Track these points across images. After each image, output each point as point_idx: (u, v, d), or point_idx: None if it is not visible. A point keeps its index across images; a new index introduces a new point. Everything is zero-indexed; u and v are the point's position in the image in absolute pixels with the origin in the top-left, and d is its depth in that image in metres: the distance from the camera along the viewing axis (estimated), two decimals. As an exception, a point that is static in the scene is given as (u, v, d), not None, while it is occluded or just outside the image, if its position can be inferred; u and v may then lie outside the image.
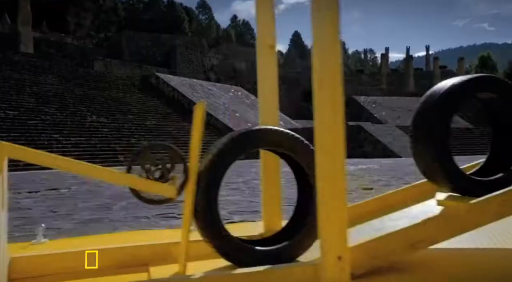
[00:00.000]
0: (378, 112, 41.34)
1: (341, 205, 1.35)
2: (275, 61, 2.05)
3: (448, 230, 1.56)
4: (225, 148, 1.62)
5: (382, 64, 63.43)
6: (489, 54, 76.40)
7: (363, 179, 6.59)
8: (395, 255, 1.52)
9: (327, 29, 1.37)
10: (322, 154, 1.36)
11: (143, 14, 67.10)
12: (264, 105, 2.02)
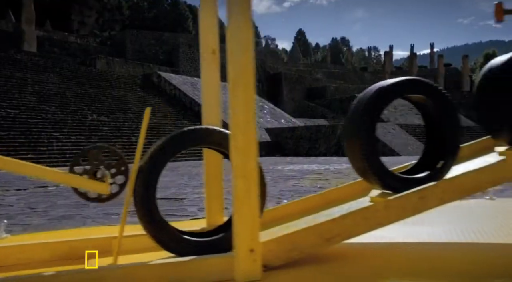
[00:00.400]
0: (379, 110, 41.17)
1: (253, 202, 1.45)
2: (217, 66, 2.15)
3: (365, 224, 1.66)
4: (164, 145, 1.76)
5: (386, 62, 63.17)
6: (495, 52, 75.82)
7: (348, 177, 6.67)
8: (312, 248, 1.62)
9: (241, 38, 1.47)
10: (236, 154, 1.46)
11: (148, 13, 67.28)
12: (207, 106, 2.13)
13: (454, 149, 1.91)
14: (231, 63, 1.48)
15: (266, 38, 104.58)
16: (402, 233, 2.13)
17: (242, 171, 1.44)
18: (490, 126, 2.12)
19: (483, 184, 1.82)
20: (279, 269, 1.53)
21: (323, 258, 1.66)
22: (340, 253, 1.74)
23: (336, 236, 1.63)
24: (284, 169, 10.07)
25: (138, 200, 1.64)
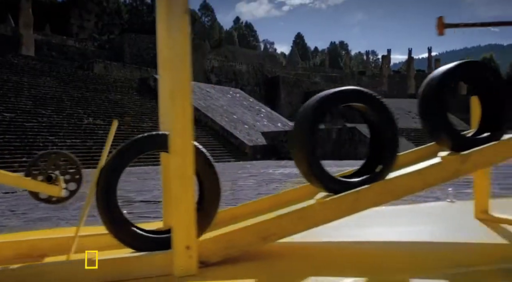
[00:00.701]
0: (377, 114, 41.37)
1: (189, 201, 1.58)
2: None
3: (301, 224, 1.79)
4: (125, 149, 1.90)
5: (383, 66, 63.43)
6: (492, 56, 76.19)
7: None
8: (249, 246, 1.75)
9: (179, 54, 1.61)
10: (174, 156, 1.59)
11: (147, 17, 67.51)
12: (165, 113, 2.25)
13: (392, 155, 2.04)
14: (170, 77, 1.61)
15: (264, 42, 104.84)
16: (350, 235, 2.25)
17: (179, 172, 1.57)
18: (432, 132, 2.25)
19: (415, 187, 1.95)
20: (216, 265, 1.66)
21: (260, 255, 1.78)
22: (278, 251, 1.86)
23: (272, 235, 1.75)
24: (274, 172, 10.20)
25: (100, 201, 1.78)
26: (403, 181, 1.92)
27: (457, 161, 1.98)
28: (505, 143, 2.07)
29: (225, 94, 34.29)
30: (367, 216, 2.85)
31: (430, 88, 2.21)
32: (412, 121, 40.49)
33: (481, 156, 2.00)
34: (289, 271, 1.60)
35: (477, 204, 2.59)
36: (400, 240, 2.20)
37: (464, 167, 1.97)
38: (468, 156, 1.99)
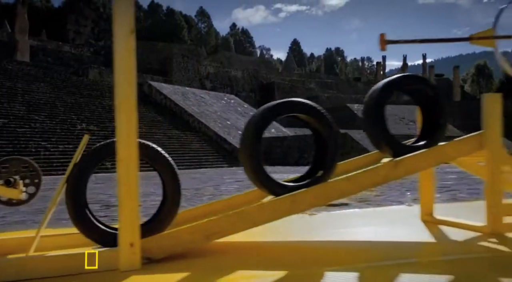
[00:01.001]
0: (371, 120, 41.64)
1: (133, 203, 1.75)
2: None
3: (241, 224, 1.96)
4: (87, 156, 2.07)
5: (377, 72, 63.88)
6: (485, 63, 76.96)
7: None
8: (193, 244, 1.92)
9: (125, 71, 1.79)
10: (120, 166, 1.76)
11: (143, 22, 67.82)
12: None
13: (332, 161, 2.23)
14: (117, 92, 1.79)
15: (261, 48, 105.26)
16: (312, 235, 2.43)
17: (124, 179, 1.74)
18: (374, 142, 2.43)
19: (348, 191, 2.13)
20: (161, 261, 1.82)
21: (202, 252, 1.95)
22: (223, 249, 2.03)
23: (215, 233, 1.93)
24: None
25: (68, 203, 1.96)
26: (337, 185, 2.09)
27: (388, 166, 2.16)
28: (434, 149, 2.25)
29: (219, 100, 34.49)
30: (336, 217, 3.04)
31: (371, 101, 2.40)
32: (405, 128, 40.77)
33: (411, 161, 2.19)
34: (223, 266, 1.77)
35: (423, 207, 2.78)
36: (351, 239, 2.38)
37: (395, 172, 2.16)
38: (399, 162, 2.17)
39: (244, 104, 36.92)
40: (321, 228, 2.71)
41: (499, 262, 1.74)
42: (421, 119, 2.55)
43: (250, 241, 2.17)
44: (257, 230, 2.24)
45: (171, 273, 1.66)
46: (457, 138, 2.35)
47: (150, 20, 68.79)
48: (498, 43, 2.72)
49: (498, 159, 2.25)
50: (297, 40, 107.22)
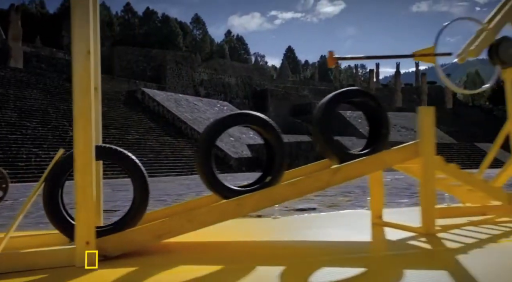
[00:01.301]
0: (363, 127, 41.92)
1: (89, 208, 1.95)
2: (98, 100, 2.64)
3: (190, 225, 2.16)
4: (57, 165, 2.28)
5: (370, 79, 64.44)
6: (477, 71, 77.87)
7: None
8: (146, 243, 2.12)
9: (82, 85, 1.99)
10: (77, 173, 1.96)
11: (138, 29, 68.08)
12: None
13: (280, 168, 2.44)
14: (75, 105, 1.99)
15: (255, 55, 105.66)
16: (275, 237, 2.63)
17: (81, 185, 1.94)
18: (322, 151, 2.65)
19: (291, 195, 2.34)
20: (116, 259, 2.02)
21: (157, 250, 2.15)
22: (173, 247, 2.23)
23: (166, 233, 2.12)
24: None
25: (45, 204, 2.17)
26: (280, 189, 2.30)
27: (329, 173, 2.37)
28: (372, 157, 2.47)
29: (212, 107, 34.71)
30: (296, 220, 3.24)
31: (319, 112, 2.62)
32: (397, 135, 41.13)
33: (350, 168, 2.40)
34: (169, 262, 1.96)
35: (373, 211, 2.99)
36: (299, 239, 2.58)
37: (335, 178, 2.37)
38: (338, 169, 2.38)
39: (236, 110, 37.21)
40: (276, 230, 2.91)
41: (413, 258, 1.95)
42: (368, 129, 2.77)
43: (201, 241, 2.37)
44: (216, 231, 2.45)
45: (121, 268, 1.85)
46: (396, 147, 2.56)
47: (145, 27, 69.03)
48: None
49: (432, 166, 2.47)
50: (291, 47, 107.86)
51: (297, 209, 4.41)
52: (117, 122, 24.98)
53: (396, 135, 40.91)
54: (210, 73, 51.21)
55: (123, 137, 23.34)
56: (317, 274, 1.67)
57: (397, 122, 45.24)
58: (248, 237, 2.71)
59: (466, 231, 2.51)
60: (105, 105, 26.86)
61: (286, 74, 79.98)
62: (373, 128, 2.71)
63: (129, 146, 22.31)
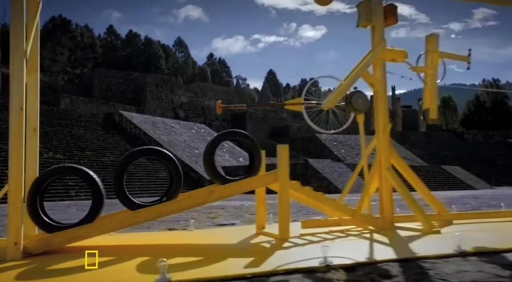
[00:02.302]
0: (338, 150, 43.17)
1: (18, 215, 2.74)
2: (36, 139, 3.44)
3: (95, 232, 2.97)
4: (38, 178, 3.06)
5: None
6: (450, 96, 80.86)
7: (249, 211, 7.93)
8: (61, 244, 2.91)
9: (13, 105, 2.80)
10: (10, 188, 2.75)
11: (121, 51, 68.92)
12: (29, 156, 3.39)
13: (176, 190, 3.26)
14: (10, 147, 2.80)
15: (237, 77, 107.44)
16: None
17: (11, 201, 2.73)
18: (210, 176, 3.49)
19: (175, 210, 3.16)
20: (38, 255, 2.79)
21: (73, 249, 2.93)
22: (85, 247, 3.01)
23: (75, 238, 2.92)
24: (211, 205, 11.30)
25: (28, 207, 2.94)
26: (167, 205, 3.13)
27: (205, 193, 3.22)
28: (241, 182, 3.33)
29: (189, 130, 35.49)
30: (205, 232, 4.03)
31: (206, 148, 3.48)
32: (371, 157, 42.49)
33: (222, 190, 3.25)
34: (75, 257, 2.75)
35: (257, 223, 3.83)
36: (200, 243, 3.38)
37: (211, 197, 3.22)
38: (213, 190, 3.23)
39: (214, 133, 38.02)
40: (178, 240, 3.70)
41: (243, 252, 2.78)
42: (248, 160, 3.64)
43: (107, 245, 3.16)
44: (127, 239, 3.25)
45: (39, 263, 2.63)
46: (261, 174, 3.43)
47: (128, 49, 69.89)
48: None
49: (286, 188, 3.34)
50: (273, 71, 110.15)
51: (220, 224, 5.22)
52: (93, 144, 25.50)
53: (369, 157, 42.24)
54: (190, 96, 52.19)
55: (98, 159, 23.85)
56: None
57: (371, 145, 46.42)
58: (159, 241, 3.48)
59: (314, 236, 3.36)
60: (82, 128, 27.43)
61: (267, 97, 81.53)
62: (249, 160, 3.57)
63: (104, 168, 22.84)
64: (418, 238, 3.15)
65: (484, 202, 10.50)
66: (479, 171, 41.39)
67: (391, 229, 3.69)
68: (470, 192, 23.41)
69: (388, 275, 2.08)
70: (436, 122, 4.09)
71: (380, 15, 3.96)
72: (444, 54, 4.12)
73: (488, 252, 2.53)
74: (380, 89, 4.00)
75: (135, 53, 69.99)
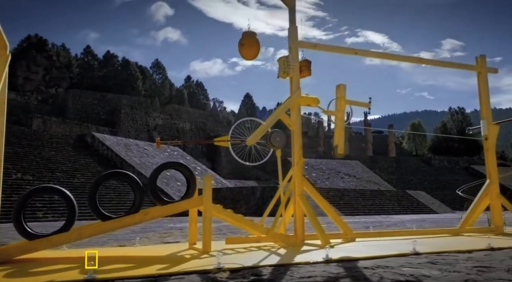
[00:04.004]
0: (309, 173, 44.17)
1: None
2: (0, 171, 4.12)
3: (39, 246, 3.64)
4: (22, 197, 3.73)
5: (319, 128, 68.05)
6: (419, 122, 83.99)
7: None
8: (14, 256, 3.57)
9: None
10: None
11: (98, 71, 69.05)
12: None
13: (136, 209, 3.97)
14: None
15: (214, 100, 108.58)
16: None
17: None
18: (154, 199, 4.22)
19: (115, 228, 3.87)
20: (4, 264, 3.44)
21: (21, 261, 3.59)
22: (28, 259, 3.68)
23: (29, 250, 3.59)
24: (172, 226, 11.88)
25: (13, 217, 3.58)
26: (108, 224, 3.84)
27: (142, 213, 3.95)
28: (173, 205, 4.08)
29: (162, 152, 35.90)
30: (154, 248, 4.68)
31: (150, 175, 4.23)
32: (340, 181, 43.71)
33: (155, 211, 3.99)
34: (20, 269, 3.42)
35: (190, 240, 4.56)
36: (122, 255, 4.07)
37: (146, 217, 3.95)
38: (147, 211, 3.97)
39: (187, 156, 38.53)
40: (121, 253, 4.39)
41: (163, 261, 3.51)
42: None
43: (57, 257, 3.83)
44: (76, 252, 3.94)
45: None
46: (187, 199, 4.19)
47: (104, 70, 70.10)
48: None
49: (209, 211, 4.11)
50: (249, 94, 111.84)
51: (166, 242, 5.91)
52: (63, 165, 25.67)
53: (339, 181, 43.43)
54: (165, 118, 52.71)
55: (68, 180, 24.02)
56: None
57: (342, 170, 47.96)
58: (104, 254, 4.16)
59: (231, 250, 4.11)
60: (53, 149, 27.56)
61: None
62: (187, 186, 4.33)
63: (74, 189, 23.04)
64: (309, 251, 3.95)
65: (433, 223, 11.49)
66: (444, 195, 43.16)
67: (300, 245, 4.48)
68: (430, 216, 24.61)
69: (260, 274, 2.86)
70: (343, 156, 4.94)
71: (297, 69, 4.86)
72: (350, 101, 5.03)
73: (347, 260, 3.35)
74: (296, 129, 4.87)
75: (112, 74, 70.24)
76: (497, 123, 6.08)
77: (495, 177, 5.93)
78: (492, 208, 5.90)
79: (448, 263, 3.25)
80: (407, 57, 5.70)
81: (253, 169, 46.72)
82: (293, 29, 4.95)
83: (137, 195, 3.99)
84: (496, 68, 6.50)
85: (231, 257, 3.35)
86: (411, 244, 3.88)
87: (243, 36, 4.73)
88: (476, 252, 3.88)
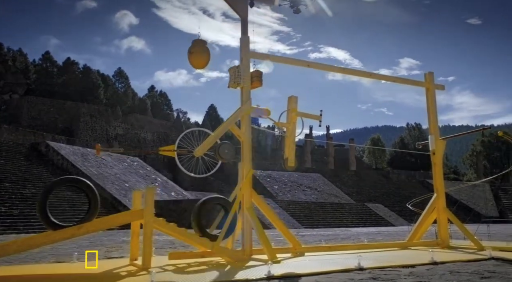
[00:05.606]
0: (271, 186, 44.24)
1: None
2: None
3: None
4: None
5: (282, 141, 68.51)
6: (379, 136, 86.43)
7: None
8: None
9: None
10: None
11: (57, 78, 66.70)
12: None
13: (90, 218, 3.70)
14: None
15: (178, 111, 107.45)
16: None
17: None
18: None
19: (44, 243, 3.60)
20: None
21: None
22: None
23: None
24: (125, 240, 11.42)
25: None
26: (37, 238, 3.56)
27: (75, 228, 3.70)
28: (110, 217, 3.85)
29: (121, 162, 34.88)
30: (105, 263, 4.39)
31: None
32: (302, 194, 44.03)
33: (90, 225, 3.75)
34: None
35: (131, 255, 4.32)
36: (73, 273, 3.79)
37: (79, 232, 3.70)
38: (82, 225, 3.72)
39: (147, 167, 37.62)
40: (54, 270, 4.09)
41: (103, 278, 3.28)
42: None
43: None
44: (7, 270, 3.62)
45: None
46: (126, 211, 3.98)
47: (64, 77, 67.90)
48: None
49: (150, 225, 3.91)
50: (214, 105, 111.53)
51: (110, 257, 5.61)
52: (13, 175, 24.39)
53: (300, 194, 43.74)
54: (126, 128, 51.48)
55: (18, 191, 22.80)
56: None
57: (303, 182, 48.39)
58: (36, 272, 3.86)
59: (172, 266, 3.92)
60: (2, 158, 26.13)
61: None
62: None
63: (24, 200, 21.88)
64: (254, 267, 3.83)
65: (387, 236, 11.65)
66: (401, 208, 44.37)
67: (246, 260, 4.35)
68: (387, 229, 25.13)
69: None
70: (293, 169, 4.89)
71: (248, 80, 4.78)
72: (301, 113, 5.00)
73: (289, 276, 3.25)
74: (245, 140, 4.77)
75: (72, 82, 68.09)
76: (444, 138, 6.24)
77: (442, 191, 6.06)
78: (438, 221, 6.01)
79: (389, 279, 3.21)
80: (358, 71, 5.77)
81: (216, 181, 46.27)
82: (245, 40, 4.89)
83: (91, 209, 3.75)
84: (443, 85, 6.68)
85: (168, 274, 3.17)
86: (357, 258, 3.84)
87: (193, 44, 4.61)
88: (419, 266, 3.89)
